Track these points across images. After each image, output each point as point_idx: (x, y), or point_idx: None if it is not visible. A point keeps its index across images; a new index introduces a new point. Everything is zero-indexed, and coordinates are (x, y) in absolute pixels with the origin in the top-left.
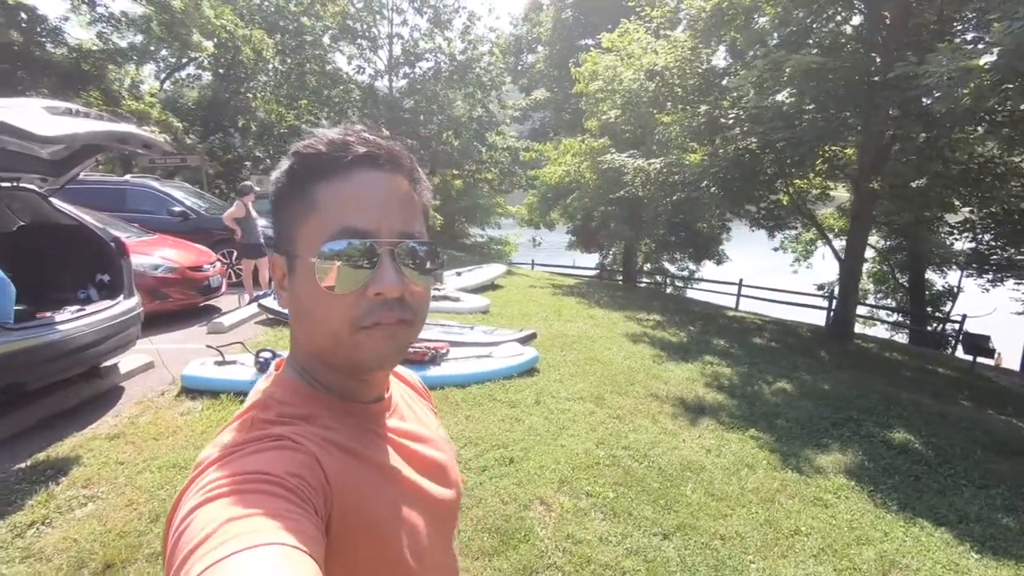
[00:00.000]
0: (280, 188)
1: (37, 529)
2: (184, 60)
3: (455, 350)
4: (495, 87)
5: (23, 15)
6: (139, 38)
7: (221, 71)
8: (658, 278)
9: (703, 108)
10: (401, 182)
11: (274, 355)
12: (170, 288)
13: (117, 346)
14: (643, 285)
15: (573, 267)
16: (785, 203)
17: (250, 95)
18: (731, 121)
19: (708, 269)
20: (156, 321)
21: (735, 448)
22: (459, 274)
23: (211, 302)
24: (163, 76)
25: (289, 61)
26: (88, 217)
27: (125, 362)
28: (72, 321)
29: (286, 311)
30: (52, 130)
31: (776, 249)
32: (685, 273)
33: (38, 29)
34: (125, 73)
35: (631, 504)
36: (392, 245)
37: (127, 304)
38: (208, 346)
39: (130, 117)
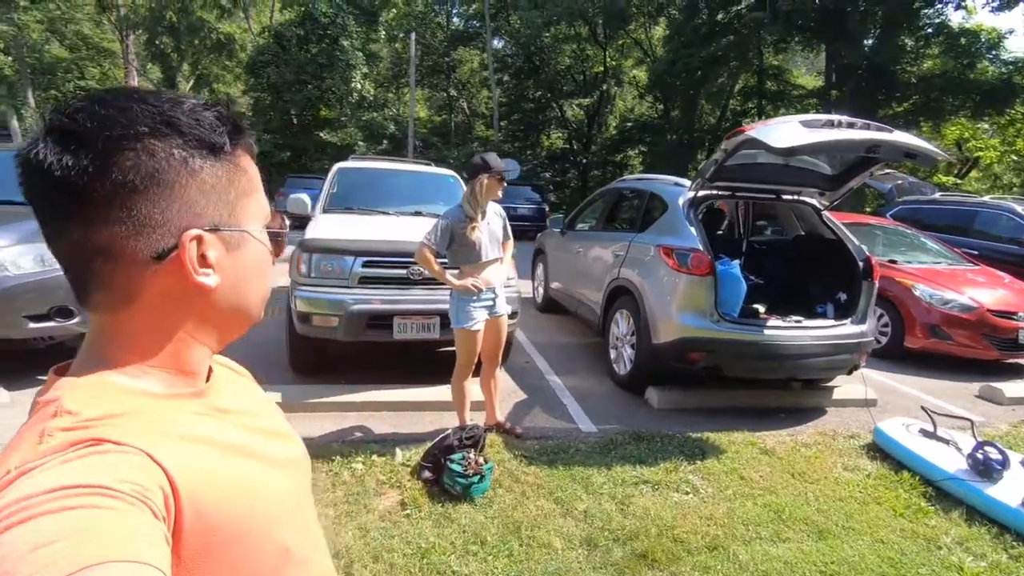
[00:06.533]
0: (206, 159)
1: (640, 488)
2: None
3: None
4: None
5: (962, 40)
6: None
7: None
8: None
9: None
10: None
11: (1003, 459)
12: (955, 329)
13: (825, 367)
14: None
15: None
16: None
17: None
18: None
19: None
20: (925, 360)
21: None
22: None
23: (1020, 360)
24: None
25: None
26: (848, 233)
27: (845, 388)
28: (786, 330)
29: None
30: (790, 141)
31: None
32: None
33: (971, 50)
34: None
35: None
36: None
37: (851, 329)
38: (923, 407)
39: None
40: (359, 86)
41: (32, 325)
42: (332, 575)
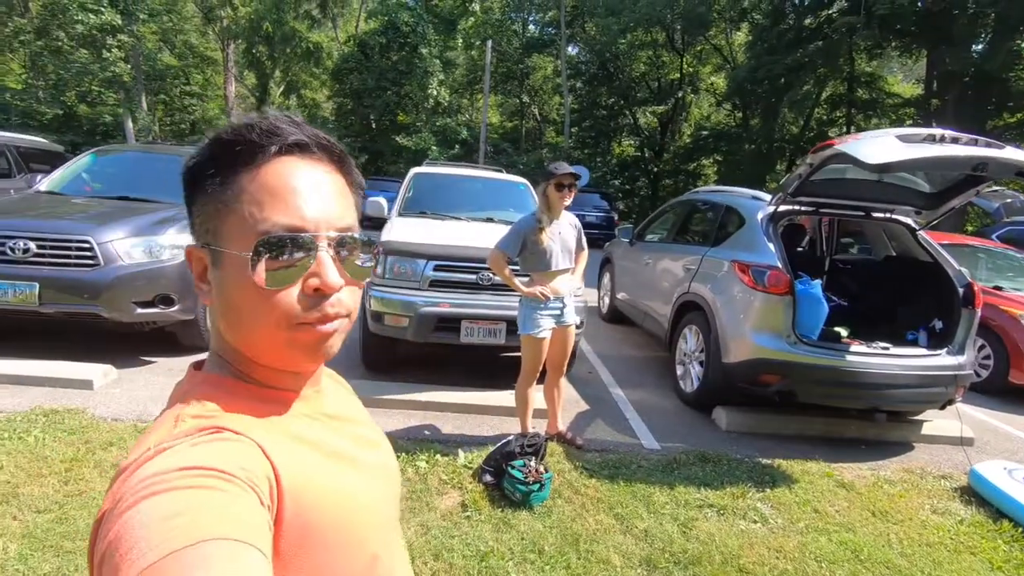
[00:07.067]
0: (199, 176)
1: (704, 511)
2: None
3: None
4: None
5: None
6: None
7: None
8: None
9: None
10: (333, 171)
11: None
12: None
13: (914, 400)
14: None
15: None
16: None
17: None
18: None
19: None
20: None
21: None
22: None
23: None
24: None
25: None
26: (948, 257)
27: (937, 424)
28: (870, 356)
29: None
30: (885, 157)
31: None
32: None
33: None
34: None
35: None
36: (331, 239)
37: (947, 360)
38: None
39: None
40: (435, 92)
41: (139, 311)
42: None
